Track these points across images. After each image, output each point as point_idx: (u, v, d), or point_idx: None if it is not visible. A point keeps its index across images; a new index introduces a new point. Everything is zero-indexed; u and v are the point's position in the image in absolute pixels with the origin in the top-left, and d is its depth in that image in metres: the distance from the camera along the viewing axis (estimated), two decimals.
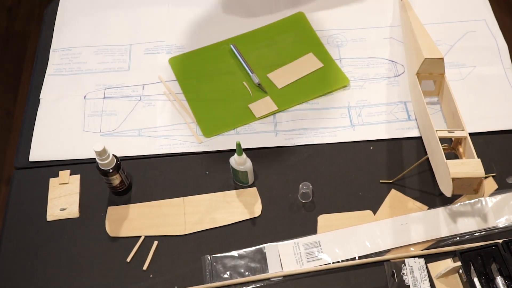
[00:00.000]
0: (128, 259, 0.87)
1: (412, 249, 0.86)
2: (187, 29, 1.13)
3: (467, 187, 0.83)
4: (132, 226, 0.90)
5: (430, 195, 0.91)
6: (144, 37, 1.12)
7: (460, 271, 0.82)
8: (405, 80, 1.05)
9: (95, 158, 0.86)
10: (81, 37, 1.13)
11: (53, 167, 0.96)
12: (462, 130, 0.88)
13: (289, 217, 0.90)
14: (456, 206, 0.90)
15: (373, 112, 1.01)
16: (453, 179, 0.81)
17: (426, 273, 0.83)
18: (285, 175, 0.94)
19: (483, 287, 0.80)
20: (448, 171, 0.81)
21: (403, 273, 0.83)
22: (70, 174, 0.95)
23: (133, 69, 1.08)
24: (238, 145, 0.84)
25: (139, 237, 0.89)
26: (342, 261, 0.85)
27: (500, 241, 0.84)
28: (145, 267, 0.86)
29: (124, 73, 1.07)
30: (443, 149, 0.85)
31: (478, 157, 0.94)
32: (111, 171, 0.87)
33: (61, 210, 0.91)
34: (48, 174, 0.95)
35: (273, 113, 1.01)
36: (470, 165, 0.82)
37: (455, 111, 0.91)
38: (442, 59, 0.93)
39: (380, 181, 0.92)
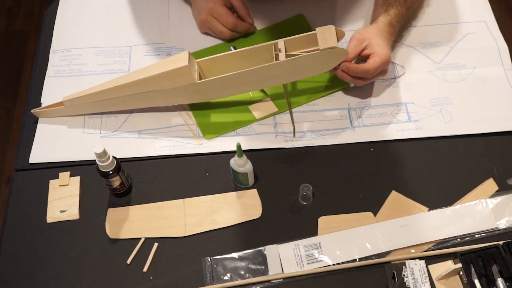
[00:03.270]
0: (128, 261, 0.87)
1: (412, 250, 0.86)
2: (187, 31, 1.13)
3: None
4: (132, 228, 0.90)
5: (431, 197, 0.91)
6: (144, 38, 1.12)
7: (461, 273, 0.82)
8: (405, 82, 1.04)
9: (95, 160, 0.86)
10: (81, 39, 1.13)
11: (53, 168, 0.96)
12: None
13: (289, 218, 0.90)
14: (457, 207, 0.90)
15: (373, 114, 1.00)
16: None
17: (426, 274, 0.82)
18: (286, 176, 0.94)
19: None
20: (330, 48, 0.88)
21: (404, 275, 0.83)
22: (70, 176, 0.95)
23: (133, 70, 1.07)
24: (238, 146, 0.84)
25: (139, 239, 0.89)
26: (343, 263, 0.85)
27: (501, 242, 0.84)
28: (145, 269, 0.86)
29: (124, 74, 1.07)
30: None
31: (478, 159, 0.95)
32: (111, 173, 0.87)
33: (61, 212, 0.91)
34: (48, 176, 0.95)
35: (273, 114, 1.01)
36: (326, 34, 0.90)
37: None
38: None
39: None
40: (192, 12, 1.13)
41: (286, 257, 0.86)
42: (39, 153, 0.97)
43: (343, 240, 0.87)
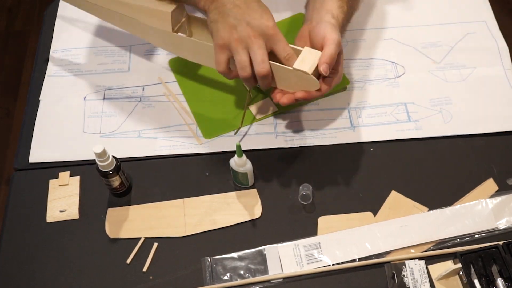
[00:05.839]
0: (128, 261, 0.87)
1: (412, 250, 0.86)
2: None
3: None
4: (132, 228, 0.90)
5: (430, 197, 0.91)
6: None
7: (461, 273, 0.82)
8: (405, 82, 1.04)
9: (95, 160, 0.86)
10: (81, 38, 1.13)
11: (53, 168, 0.96)
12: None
13: (289, 218, 0.90)
14: (457, 207, 0.90)
15: (373, 114, 1.00)
16: (313, 73, 0.84)
17: (426, 274, 0.82)
18: (285, 176, 0.94)
19: None
20: (303, 72, 0.84)
21: (404, 275, 0.83)
22: (70, 176, 0.95)
23: (133, 70, 1.08)
24: (238, 146, 0.84)
25: (139, 238, 0.89)
26: (343, 262, 0.85)
27: (501, 242, 0.84)
28: (145, 269, 0.86)
29: (124, 74, 1.07)
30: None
31: (478, 159, 0.95)
32: (111, 172, 0.87)
33: (60, 211, 0.91)
34: (48, 175, 0.95)
35: (273, 114, 1.01)
36: (309, 56, 0.85)
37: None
38: None
39: None
40: (212, 18, 0.85)
41: (286, 257, 0.86)
42: (39, 153, 0.97)
43: (342, 240, 0.87)
